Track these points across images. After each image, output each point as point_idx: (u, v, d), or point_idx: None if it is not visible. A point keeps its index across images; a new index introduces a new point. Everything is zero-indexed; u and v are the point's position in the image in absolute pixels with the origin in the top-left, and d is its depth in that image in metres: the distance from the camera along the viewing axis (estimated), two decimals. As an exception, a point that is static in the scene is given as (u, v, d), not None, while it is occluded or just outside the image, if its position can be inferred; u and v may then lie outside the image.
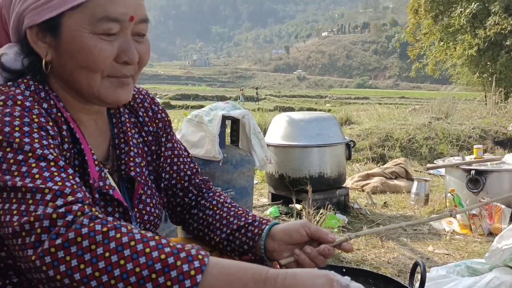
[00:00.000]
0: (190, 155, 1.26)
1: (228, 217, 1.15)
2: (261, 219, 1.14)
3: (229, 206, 1.19)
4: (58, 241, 0.73)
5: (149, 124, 1.16)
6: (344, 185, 4.27)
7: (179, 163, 1.20)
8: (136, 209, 1.05)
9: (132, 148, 1.08)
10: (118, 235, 0.75)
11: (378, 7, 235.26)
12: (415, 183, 4.48)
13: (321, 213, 3.41)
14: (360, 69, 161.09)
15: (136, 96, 1.17)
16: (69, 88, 0.97)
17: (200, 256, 0.75)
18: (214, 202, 1.20)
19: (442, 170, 4.91)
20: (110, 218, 0.79)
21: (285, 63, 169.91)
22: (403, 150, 7.50)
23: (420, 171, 6.23)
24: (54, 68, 0.96)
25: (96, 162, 0.96)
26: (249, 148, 3.22)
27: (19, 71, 0.96)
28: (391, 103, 30.50)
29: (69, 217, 0.76)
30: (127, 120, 1.11)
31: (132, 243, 0.75)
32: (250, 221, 1.13)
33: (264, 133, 3.62)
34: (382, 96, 51.34)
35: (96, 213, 0.79)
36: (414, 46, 18.08)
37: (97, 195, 0.94)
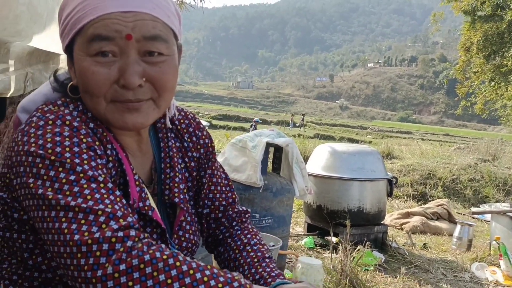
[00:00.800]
0: (230, 183, 1.23)
1: (245, 264, 1.12)
2: (271, 271, 1.07)
3: (249, 249, 1.15)
4: (122, 266, 0.75)
5: (192, 149, 1.15)
6: (383, 222, 4.17)
7: (215, 191, 1.18)
8: (175, 235, 1.05)
9: (177, 174, 1.07)
10: (178, 263, 0.78)
11: (427, 41, 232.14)
12: (458, 226, 4.32)
13: (358, 249, 3.33)
14: (404, 102, 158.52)
15: (182, 120, 1.16)
16: None
17: (248, 286, 0.80)
18: (239, 243, 1.17)
19: (488, 216, 4.71)
20: (163, 245, 0.81)
21: (328, 91, 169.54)
22: (445, 190, 7.26)
23: (464, 214, 6.00)
24: None
25: (137, 183, 0.96)
26: (290, 176, 3.20)
27: (65, 85, 0.99)
28: (434, 139, 29.76)
29: (129, 243, 0.77)
30: (174, 145, 1.11)
31: (191, 271, 0.78)
32: (257, 277, 1.08)
33: (305, 161, 3.60)
34: (425, 132, 50.13)
35: (151, 239, 0.81)
36: (463, 84, 17.62)
37: (135, 216, 0.93)
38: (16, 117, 1.01)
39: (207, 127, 3.10)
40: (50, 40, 1.95)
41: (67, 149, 0.83)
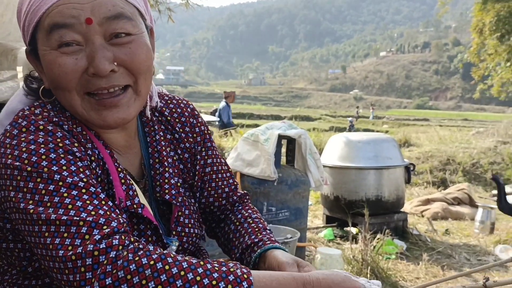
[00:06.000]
0: (229, 169, 1.21)
1: (245, 234, 1.10)
2: (267, 239, 1.06)
3: (250, 221, 1.13)
4: (108, 280, 0.73)
5: (185, 140, 1.10)
6: (402, 210, 4.12)
7: (217, 179, 1.15)
8: (174, 232, 1.02)
9: (167, 169, 1.03)
10: (167, 267, 0.75)
11: (440, 26, 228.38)
12: (480, 210, 4.25)
13: (378, 238, 3.29)
14: (420, 89, 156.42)
15: (174, 110, 1.11)
16: None
17: (245, 276, 0.76)
18: (239, 216, 1.15)
19: (510, 197, 4.62)
20: (151, 247, 0.79)
21: (341, 83, 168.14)
22: (466, 175, 7.16)
23: (485, 198, 5.89)
24: None
25: (123, 181, 0.93)
26: (305, 168, 3.18)
27: (37, 89, 0.95)
28: (452, 125, 29.26)
29: (112, 254, 0.75)
30: (162, 138, 1.06)
31: (182, 273, 0.75)
32: (256, 240, 1.06)
33: (320, 153, 3.57)
34: (443, 118, 49.34)
35: (137, 243, 0.79)
36: (479, 67, 17.31)
37: (124, 215, 0.90)
38: None
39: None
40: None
41: (43, 156, 0.80)
